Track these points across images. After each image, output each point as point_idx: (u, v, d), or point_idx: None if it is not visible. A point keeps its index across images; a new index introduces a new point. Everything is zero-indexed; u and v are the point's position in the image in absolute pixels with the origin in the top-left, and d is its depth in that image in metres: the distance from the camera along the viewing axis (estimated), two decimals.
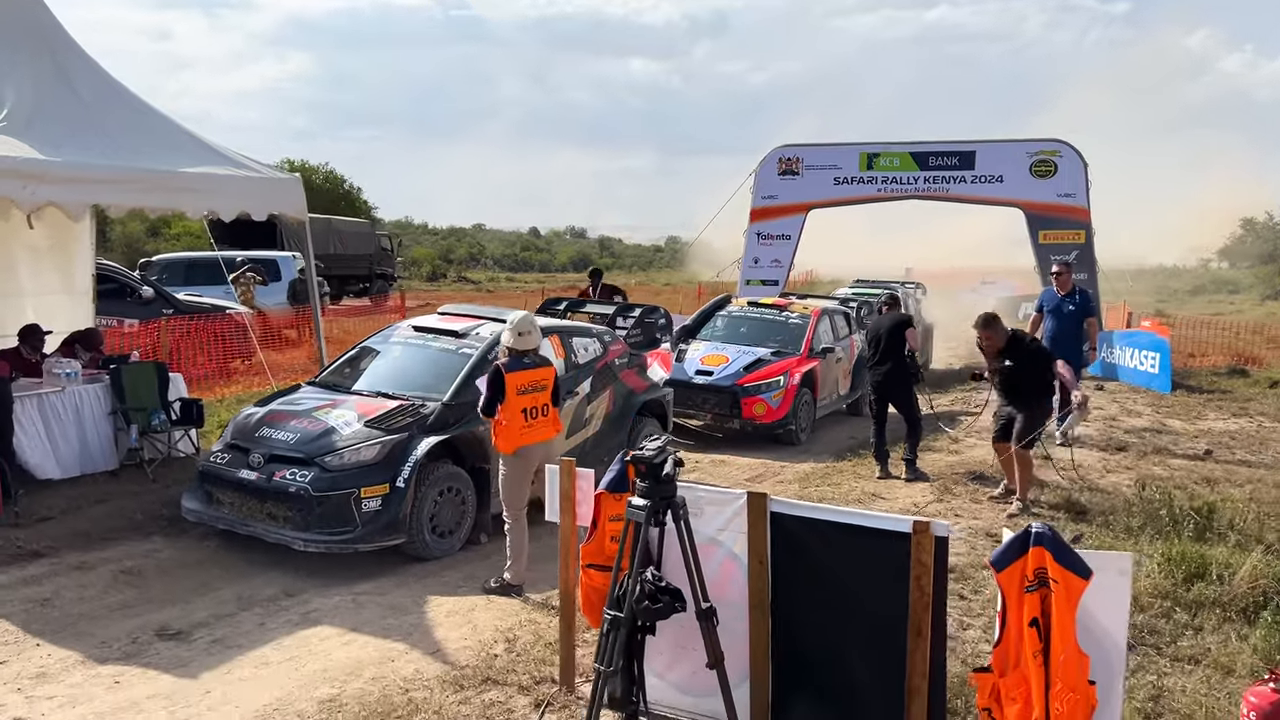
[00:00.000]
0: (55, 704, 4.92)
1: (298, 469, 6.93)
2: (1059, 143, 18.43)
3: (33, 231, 9.57)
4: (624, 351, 9.39)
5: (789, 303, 13.53)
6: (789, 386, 11.37)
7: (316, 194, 50.66)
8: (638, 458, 4.02)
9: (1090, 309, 10.86)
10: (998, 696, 3.72)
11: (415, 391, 7.64)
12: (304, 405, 7.61)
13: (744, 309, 13.43)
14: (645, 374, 9.65)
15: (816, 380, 12.01)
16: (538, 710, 4.68)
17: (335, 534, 6.76)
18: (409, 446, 7.04)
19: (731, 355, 11.84)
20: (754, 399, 11.21)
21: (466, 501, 7.47)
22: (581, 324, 9.47)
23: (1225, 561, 6.01)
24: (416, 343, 8.33)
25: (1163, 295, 41.66)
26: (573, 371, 8.59)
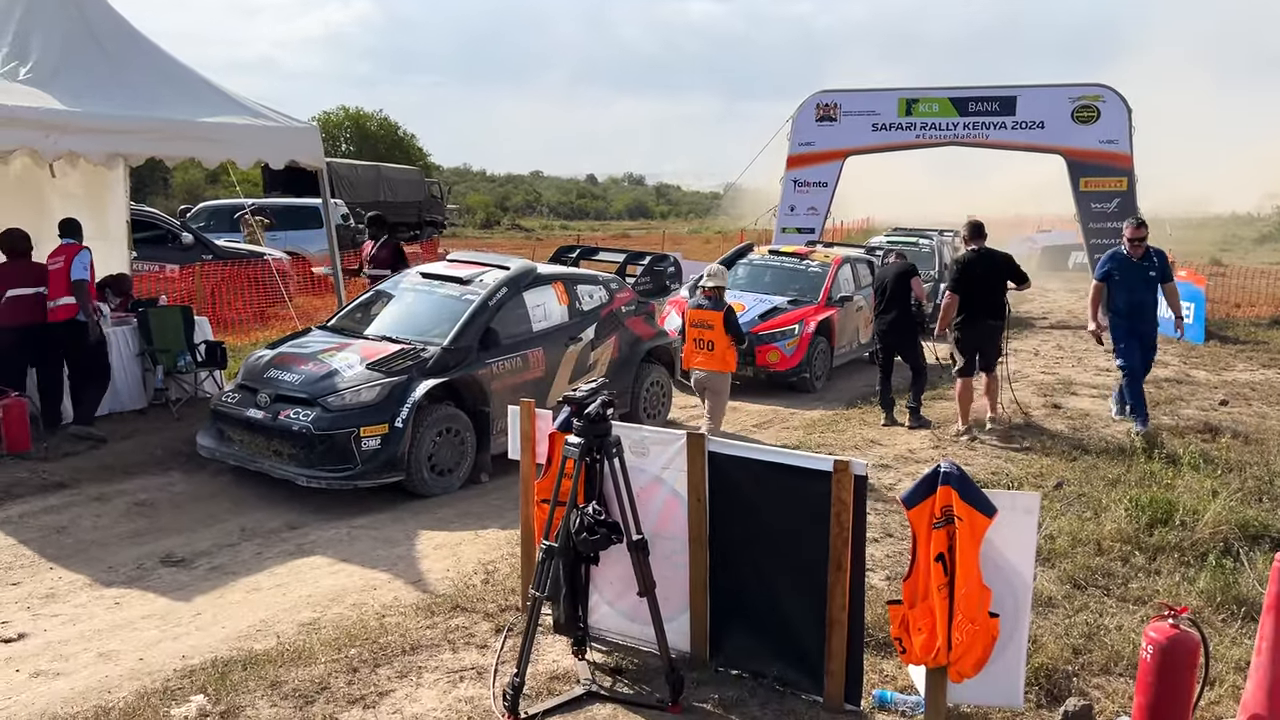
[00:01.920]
0: (58, 621, 5.32)
1: (301, 409, 7.26)
2: (1102, 87, 18.05)
3: (66, 179, 9.98)
4: (631, 299, 9.53)
5: (811, 251, 13.59)
6: (804, 335, 11.45)
7: (371, 141, 51.46)
8: (569, 399, 4.22)
9: (1168, 272, 9.27)
10: (907, 627, 3.89)
11: (418, 336, 7.90)
12: (310, 348, 7.92)
13: (765, 257, 13.52)
14: (652, 321, 9.76)
15: (834, 329, 12.06)
16: (498, 635, 4.95)
17: (337, 471, 7.09)
18: (408, 388, 7.33)
19: (748, 303, 11.85)
20: (768, 347, 11.33)
21: (466, 442, 7.74)
22: (588, 271, 9.61)
23: (1192, 508, 6.06)
24: (423, 289, 8.59)
25: (1228, 243, 40.55)
26: (577, 318, 8.82)
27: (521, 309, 8.38)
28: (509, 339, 8.12)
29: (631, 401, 9.15)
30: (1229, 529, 5.80)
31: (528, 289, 8.50)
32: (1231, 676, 4.38)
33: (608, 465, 4.23)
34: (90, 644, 5.04)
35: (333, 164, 28.14)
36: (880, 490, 7.30)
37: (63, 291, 8.42)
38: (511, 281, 8.40)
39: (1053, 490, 7.06)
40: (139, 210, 14.55)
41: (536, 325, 8.45)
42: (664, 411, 9.69)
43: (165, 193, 39.26)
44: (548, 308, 8.61)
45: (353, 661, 4.64)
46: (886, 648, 4.48)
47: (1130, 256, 8.98)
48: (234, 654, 4.81)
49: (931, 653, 3.80)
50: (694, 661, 4.54)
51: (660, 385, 9.65)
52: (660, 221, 64.10)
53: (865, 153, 19.67)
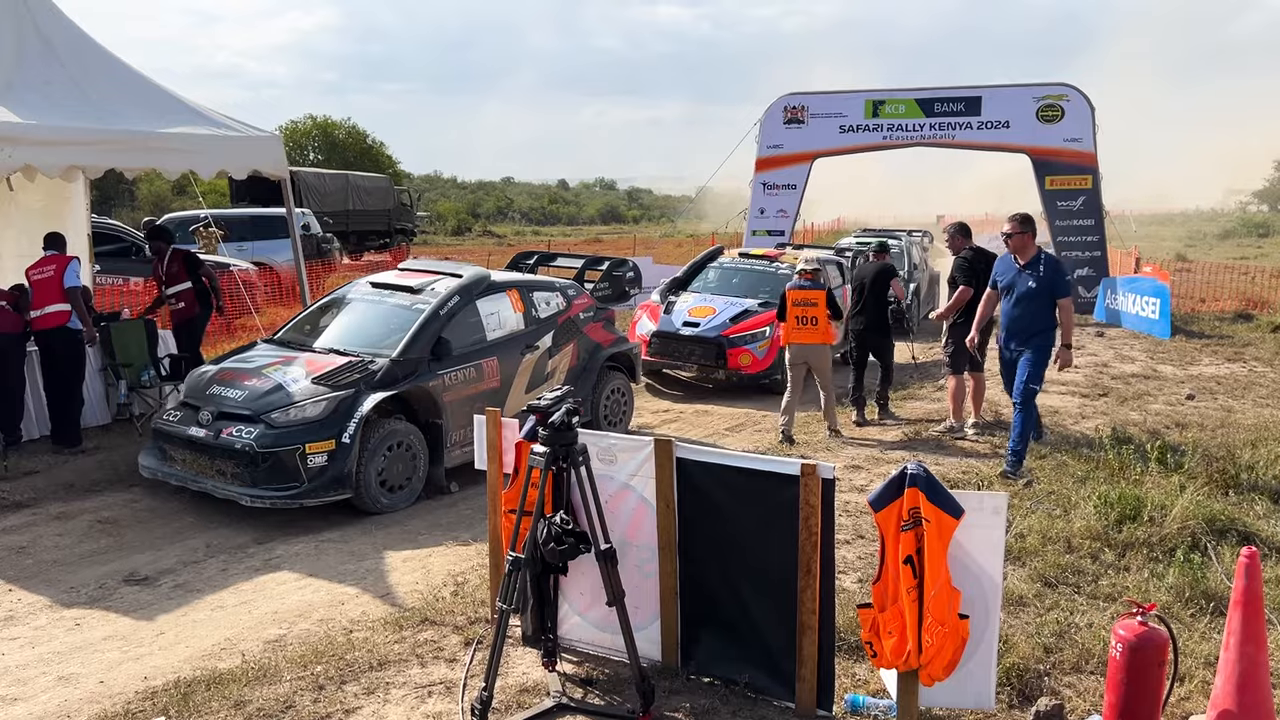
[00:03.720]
0: (17, 645, 5.20)
1: (244, 425, 7.05)
2: (1066, 87, 18.20)
3: (25, 193, 9.84)
4: (589, 305, 9.35)
5: (780, 254, 13.53)
6: (775, 337, 11.30)
7: (338, 149, 51.19)
8: (534, 407, 4.17)
9: (1060, 285, 7.54)
10: (877, 630, 3.86)
11: (366, 347, 7.71)
12: (255, 363, 7.72)
13: (735, 261, 13.45)
14: (612, 327, 9.65)
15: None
16: (467, 648, 4.89)
17: (282, 489, 6.90)
18: (355, 402, 7.15)
19: (719, 307, 11.90)
20: (739, 350, 11.31)
21: (418, 457, 7.55)
22: (544, 278, 9.45)
23: (1160, 503, 6.09)
24: (373, 299, 8.39)
25: (1193, 239, 41.09)
26: (533, 326, 8.64)
27: (475, 318, 8.17)
28: (462, 349, 7.91)
29: (592, 409, 8.99)
30: (1196, 524, 5.83)
31: (481, 297, 8.29)
32: (1201, 672, 4.39)
33: (575, 474, 4.18)
34: (50, 667, 4.94)
35: (300, 173, 27.96)
36: (851, 492, 7.29)
37: (53, 299, 8.53)
38: (464, 290, 8.19)
39: (1022, 489, 7.07)
40: (101, 223, 14.38)
41: (491, 334, 8.25)
42: (626, 419, 9.60)
43: (131, 205, 38.89)
44: (502, 316, 8.40)
45: (319, 679, 4.56)
46: (858, 652, 4.45)
47: (1014, 260, 7.76)
48: (197, 674, 4.72)
49: (902, 656, 3.78)
50: (665, 670, 4.50)
51: (622, 393, 9.51)
52: (632, 226, 64.09)
53: (833, 154, 19.72)
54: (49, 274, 8.52)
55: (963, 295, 9.01)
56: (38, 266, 8.60)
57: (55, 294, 8.50)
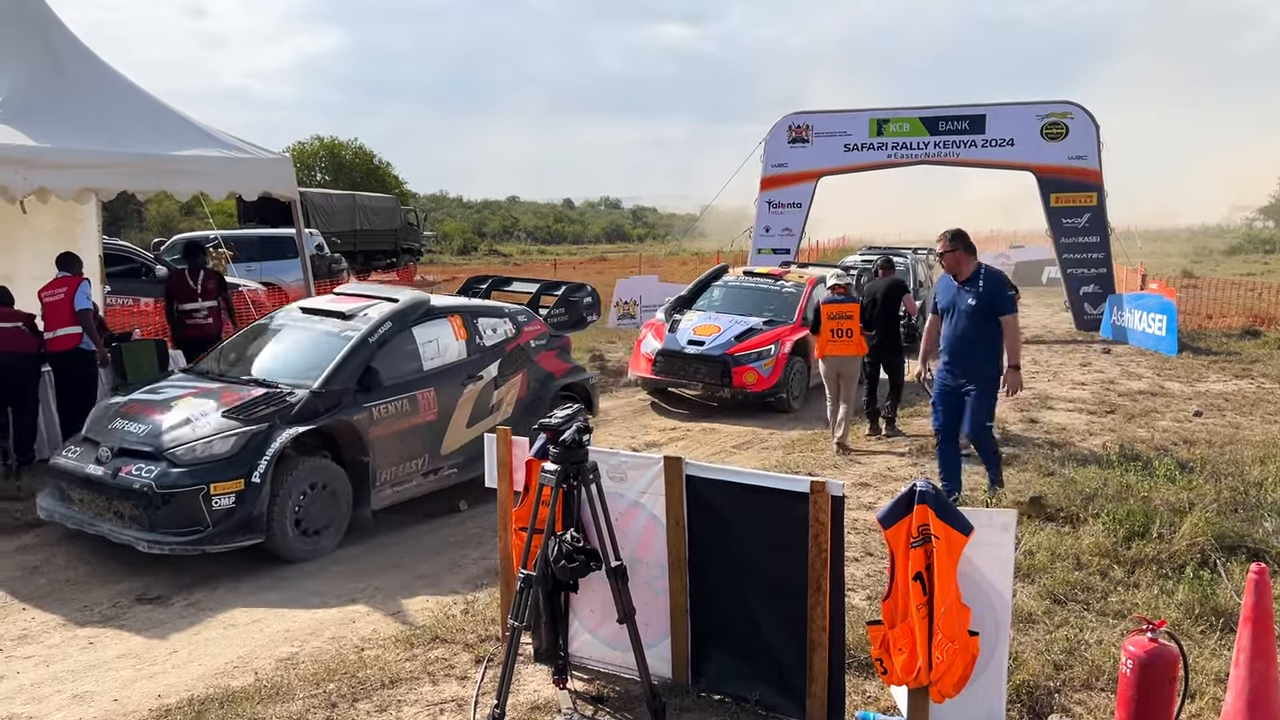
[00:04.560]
0: (32, 663, 5.24)
1: (145, 464, 6.46)
2: (1070, 105, 18.27)
3: (37, 215, 9.92)
4: (541, 333, 8.83)
5: (785, 271, 13.54)
6: (780, 355, 11.40)
7: (346, 170, 51.44)
8: (544, 425, 4.21)
9: (1000, 302, 7.01)
10: (887, 647, 3.88)
11: (289, 378, 7.14)
12: (164, 394, 7.15)
13: (739, 279, 13.42)
14: (567, 356, 9.23)
15: (810, 348, 11.78)
16: (478, 666, 4.91)
17: (182, 534, 6.29)
18: (269, 438, 6.56)
19: (724, 325, 11.88)
20: (744, 368, 11.29)
21: (340, 497, 6.93)
22: (492, 304, 8.90)
23: (1169, 520, 6.10)
24: (301, 325, 7.84)
25: (1199, 255, 41.08)
26: (476, 354, 8.09)
27: (410, 345, 7.60)
28: (394, 379, 7.34)
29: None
30: (1206, 540, 5.82)
31: (418, 324, 7.71)
32: (1212, 689, 4.39)
33: (585, 491, 4.21)
34: (64, 685, 4.97)
35: (307, 194, 28.07)
36: (860, 509, 7.31)
37: (64, 322, 8.60)
38: (398, 316, 7.62)
39: (1030, 505, 7.07)
40: (111, 244, 14.48)
41: (428, 363, 7.66)
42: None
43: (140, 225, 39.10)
44: (442, 344, 7.81)
45: (331, 696, 4.58)
46: (868, 669, 4.47)
47: (953, 279, 7.25)
48: (211, 692, 4.75)
49: (912, 673, 3.79)
50: (676, 688, 4.51)
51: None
52: (637, 244, 64.25)
53: (838, 173, 19.81)
54: (60, 296, 8.57)
55: None
56: (50, 288, 8.66)
57: (66, 316, 8.55)
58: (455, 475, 7.81)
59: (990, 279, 7.07)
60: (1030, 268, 29.63)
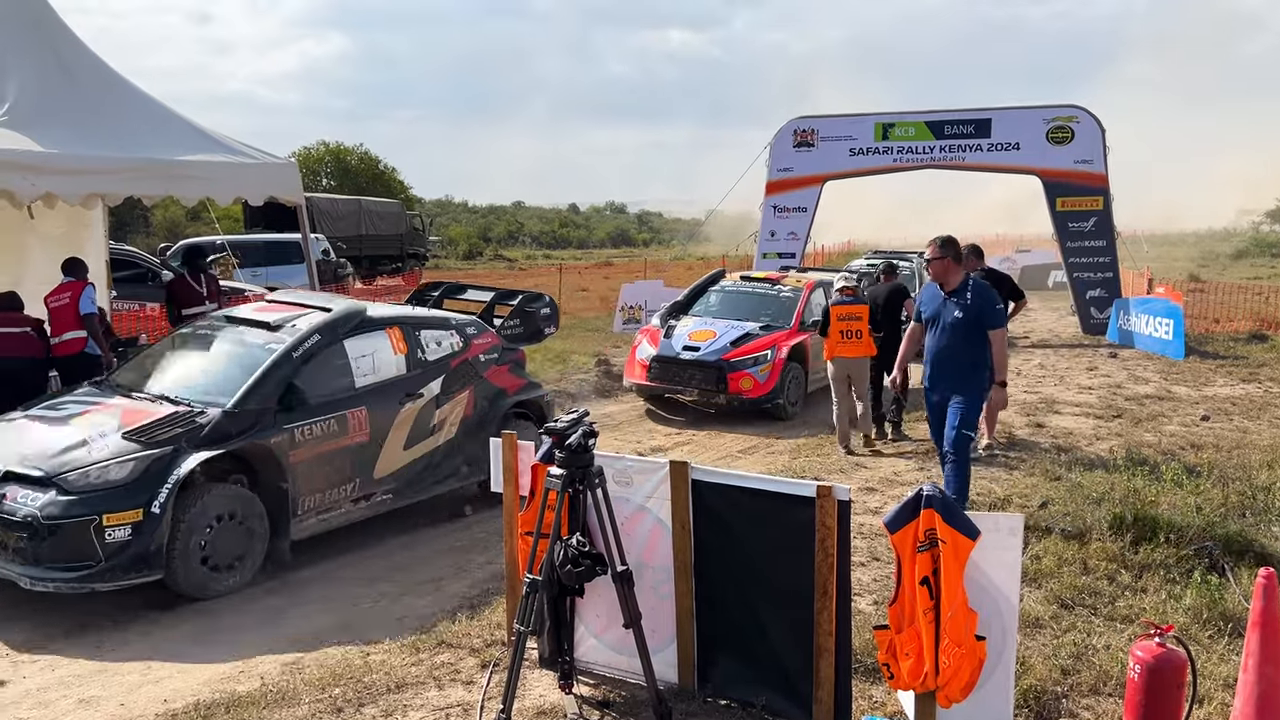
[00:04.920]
0: (38, 668, 5.25)
1: (33, 490, 5.82)
2: (1076, 109, 18.27)
3: (44, 220, 9.95)
4: (493, 346, 8.17)
5: (783, 276, 13.37)
6: (776, 360, 11.26)
7: (352, 175, 51.56)
8: (550, 429, 4.21)
9: (988, 316, 6.67)
10: (894, 652, 3.87)
11: (201, 395, 6.54)
12: (64, 410, 6.57)
13: (737, 284, 13.24)
14: (521, 371, 8.58)
15: (807, 354, 11.80)
16: (484, 670, 4.90)
17: (70, 570, 5.70)
18: (172, 463, 5.96)
19: (719, 330, 11.74)
20: (740, 373, 11.15)
21: (254, 529, 6.32)
22: (438, 314, 8.17)
23: (1176, 524, 6.07)
24: (223, 335, 7.23)
25: (1206, 259, 40.99)
26: (417, 370, 7.44)
27: (341, 360, 6.98)
28: (321, 398, 6.73)
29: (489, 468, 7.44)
30: (1213, 545, 5.80)
31: (350, 336, 7.10)
32: (1220, 694, 4.37)
33: (591, 496, 4.21)
34: (71, 690, 4.98)
35: (313, 199, 28.17)
36: (866, 514, 7.29)
37: (69, 326, 8.66)
38: (328, 327, 7.00)
39: (1038, 510, 7.06)
40: (118, 249, 14.52)
41: (361, 380, 7.04)
42: None
43: (146, 231, 39.20)
44: (378, 358, 7.18)
45: (337, 701, 4.58)
46: (875, 674, 4.45)
47: (939, 289, 6.92)
48: (217, 696, 4.75)
49: (919, 678, 3.78)
50: (682, 692, 4.50)
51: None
52: (642, 249, 64.29)
53: (843, 177, 19.83)
54: (65, 301, 8.63)
55: None
56: (55, 293, 8.72)
57: (71, 321, 8.61)
58: (391, 501, 7.25)
59: (978, 291, 6.71)
60: (1036, 271, 29.65)
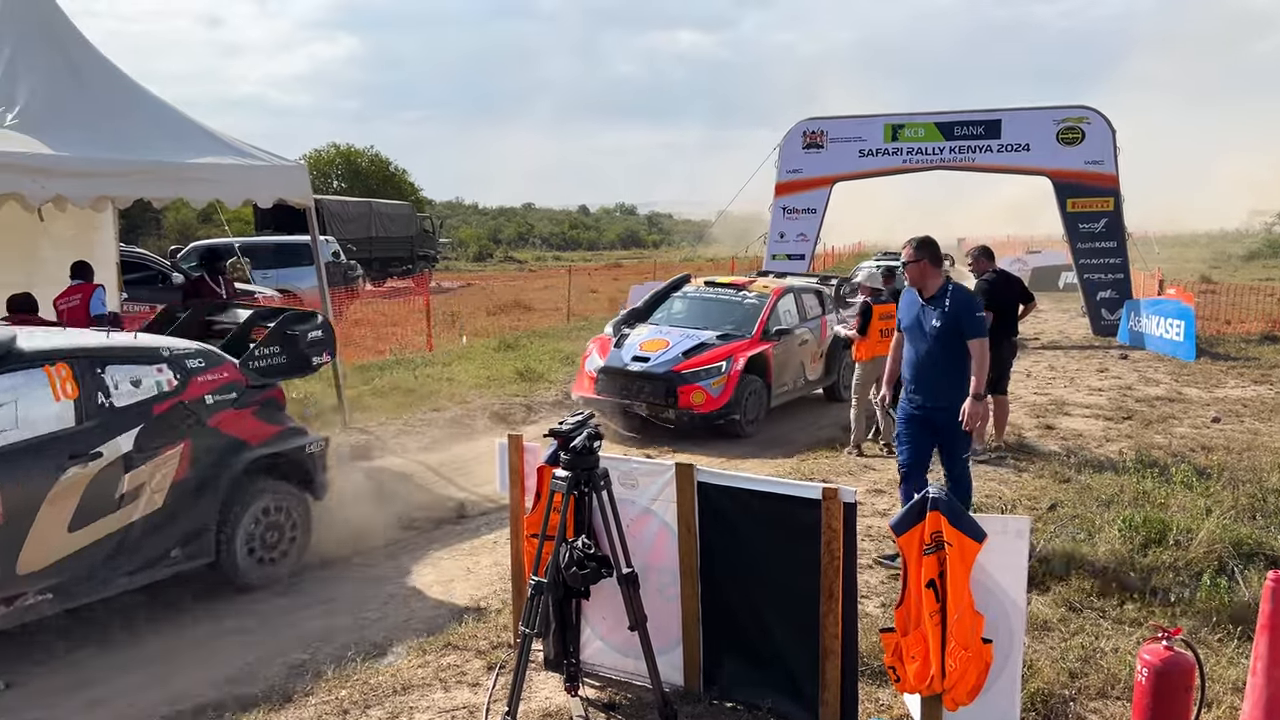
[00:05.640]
0: (46, 670, 5.25)
1: None
2: (1086, 109, 18.19)
3: (55, 223, 10.00)
4: (227, 383, 6.29)
5: (750, 281, 12.50)
6: (731, 373, 10.42)
7: (362, 177, 51.65)
8: (555, 432, 4.21)
9: (968, 324, 6.06)
10: (900, 655, 3.86)
11: None
12: None
13: (700, 290, 12.40)
14: (273, 414, 6.68)
15: (769, 365, 10.99)
16: (490, 672, 4.90)
17: None
18: None
19: (673, 340, 10.92)
20: (691, 387, 10.27)
21: None
22: (142, 343, 6.12)
23: (1186, 527, 6.05)
24: None
25: (1218, 260, 40.79)
26: (94, 421, 5.49)
27: None
28: None
29: (217, 545, 6.06)
30: (1223, 547, 5.78)
31: None
32: (1229, 697, 4.34)
33: (596, 498, 4.21)
34: (78, 692, 4.99)
35: (323, 201, 28.26)
36: (874, 516, 7.27)
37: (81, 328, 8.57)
38: None
39: (1046, 512, 7.04)
40: (128, 251, 14.59)
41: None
42: (291, 556, 6.51)
43: (158, 233, 39.36)
44: (24, 408, 5.23)
45: (343, 703, 4.59)
46: (881, 676, 4.44)
47: (917, 295, 6.30)
48: (224, 698, 4.76)
49: (925, 681, 3.77)
50: (688, 695, 4.50)
51: (281, 516, 6.42)
52: (652, 250, 64.30)
53: (852, 179, 19.76)
54: (75, 303, 8.72)
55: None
56: (65, 296, 8.80)
57: (83, 322, 8.66)
58: (51, 603, 5.32)
59: (957, 297, 6.16)
60: (1047, 273, 29.50)
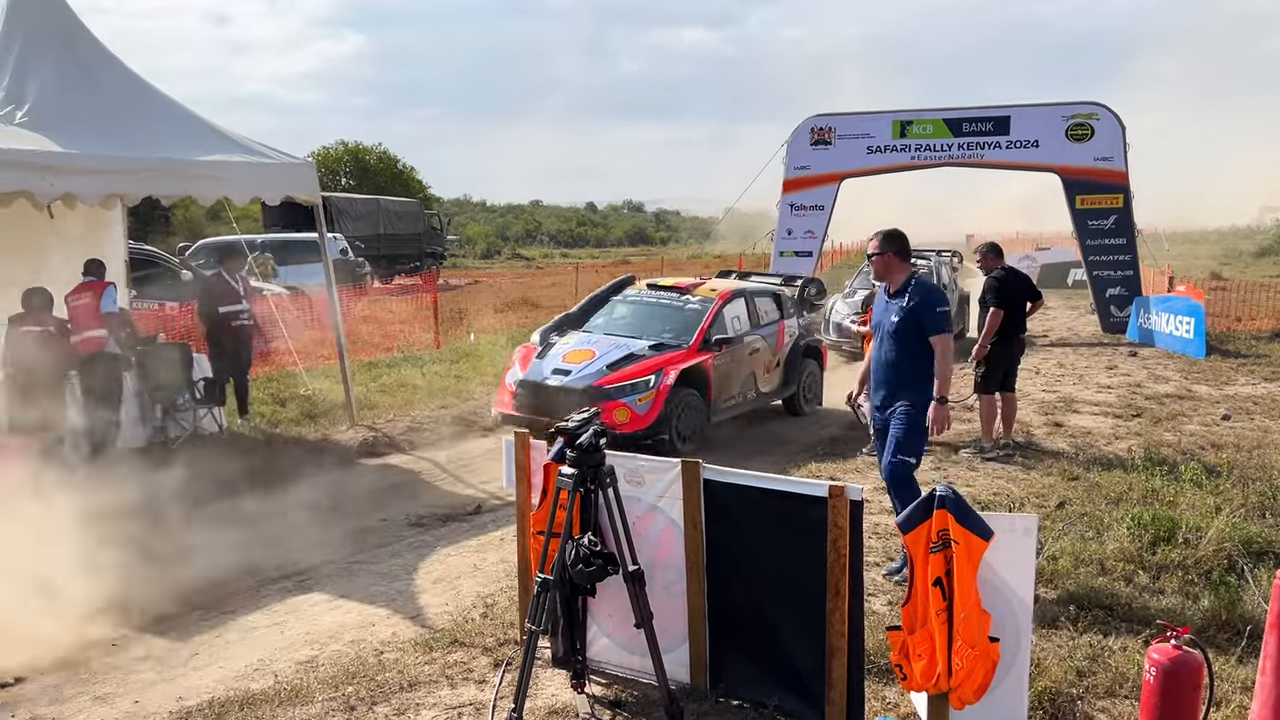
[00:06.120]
0: (54, 665, 5.26)
1: None
2: (1096, 105, 18.13)
3: (64, 220, 10.02)
4: None
5: (697, 284, 11.31)
6: (660, 388, 9.38)
7: (370, 174, 51.75)
8: (561, 429, 4.21)
9: (929, 320, 5.77)
10: (907, 653, 3.85)
11: None
12: None
13: (641, 293, 11.27)
14: None
15: (709, 377, 9.95)
16: (496, 669, 4.90)
17: None
18: None
19: (600, 350, 9.91)
20: (614, 403, 9.21)
21: None
22: None
23: (1195, 525, 6.02)
24: None
25: (1228, 257, 40.62)
26: None
27: None
28: None
29: None
30: (1233, 546, 5.75)
31: None
32: (1238, 697, 4.32)
33: (603, 495, 4.20)
34: (86, 688, 5.00)
35: (331, 198, 28.30)
36: (881, 513, 7.26)
37: (90, 324, 8.84)
38: None
39: (1054, 510, 7.01)
40: (137, 248, 14.60)
41: None
42: None
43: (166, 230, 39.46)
44: None
45: (350, 700, 4.59)
46: (888, 674, 4.43)
47: (885, 289, 6.05)
48: (231, 695, 4.77)
49: (932, 679, 3.76)
50: (694, 692, 4.50)
51: None
52: (660, 247, 64.26)
53: (861, 175, 19.73)
54: (86, 300, 8.77)
55: (994, 318, 8.96)
56: (76, 293, 8.85)
57: (93, 320, 8.73)
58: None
59: (919, 291, 5.84)
60: (1056, 270, 29.48)
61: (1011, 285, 9.13)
